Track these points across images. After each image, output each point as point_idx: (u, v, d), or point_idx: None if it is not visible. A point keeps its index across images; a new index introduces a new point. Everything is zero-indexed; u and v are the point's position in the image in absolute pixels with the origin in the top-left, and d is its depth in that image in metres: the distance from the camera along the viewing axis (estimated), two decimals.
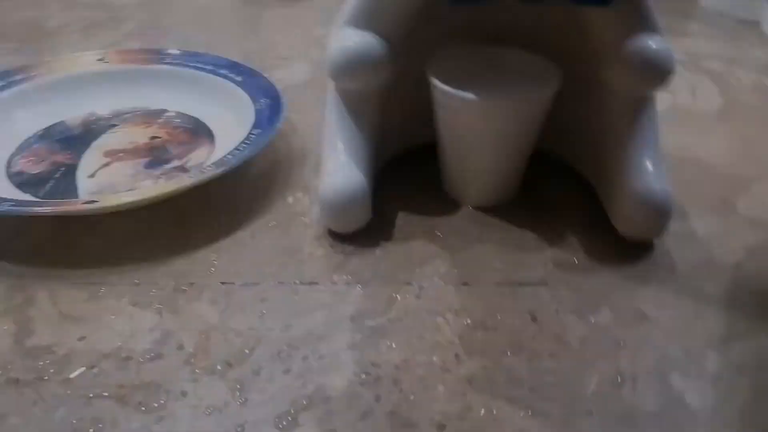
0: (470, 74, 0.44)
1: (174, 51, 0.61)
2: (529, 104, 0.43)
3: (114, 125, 0.55)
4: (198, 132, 0.54)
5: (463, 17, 0.47)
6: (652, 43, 0.40)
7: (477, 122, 0.43)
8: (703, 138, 0.57)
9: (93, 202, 0.42)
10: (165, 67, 0.59)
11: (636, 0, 0.41)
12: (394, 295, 0.40)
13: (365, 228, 0.44)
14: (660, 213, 0.42)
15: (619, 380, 0.34)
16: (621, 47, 0.41)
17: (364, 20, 0.43)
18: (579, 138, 0.48)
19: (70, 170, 0.49)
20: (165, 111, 0.57)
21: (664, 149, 0.42)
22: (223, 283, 0.40)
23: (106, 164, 0.50)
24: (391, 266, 0.42)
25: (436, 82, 0.43)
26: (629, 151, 0.42)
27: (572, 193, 0.49)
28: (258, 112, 0.52)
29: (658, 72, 0.41)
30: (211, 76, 0.58)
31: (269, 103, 0.53)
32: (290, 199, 0.48)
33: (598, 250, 0.43)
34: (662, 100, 0.63)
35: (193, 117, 0.56)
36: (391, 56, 0.43)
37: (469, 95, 0.42)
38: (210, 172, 0.44)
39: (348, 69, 0.43)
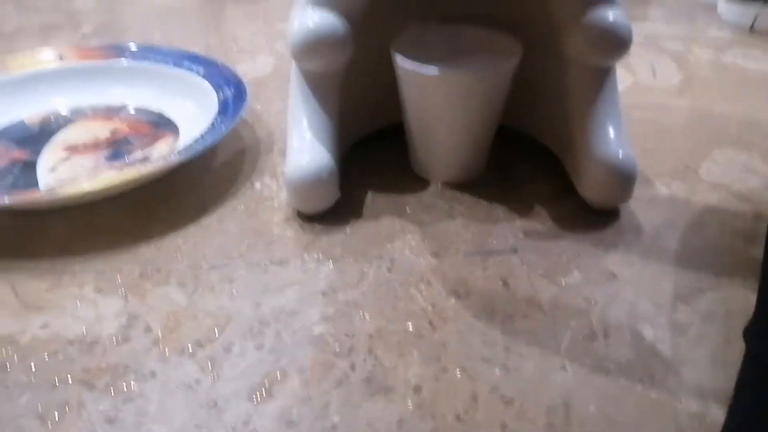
0: (433, 51, 0.44)
1: (132, 46, 0.60)
2: (490, 77, 0.43)
3: (73, 121, 0.54)
4: (161, 124, 0.54)
5: None
6: (611, 14, 0.41)
7: (441, 97, 0.43)
8: (665, 111, 0.58)
9: (53, 192, 0.41)
10: (124, 62, 0.58)
11: None
12: (365, 269, 0.39)
13: (334, 208, 0.44)
14: (624, 178, 0.42)
15: (591, 335, 0.34)
16: (580, 18, 0.41)
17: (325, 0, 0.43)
18: (543, 111, 0.49)
19: (30, 166, 0.48)
20: (126, 105, 0.56)
21: (627, 123, 0.43)
22: (190, 266, 0.40)
23: (66, 158, 0.49)
24: (361, 242, 0.42)
25: (399, 59, 0.43)
26: (592, 120, 0.43)
27: (539, 168, 0.49)
28: (221, 101, 0.52)
29: (616, 42, 0.42)
30: (172, 68, 0.57)
31: (232, 92, 0.52)
32: (258, 185, 0.48)
33: (567, 218, 0.44)
34: (624, 78, 0.65)
35: (155, 110, 0.55)
36: (352, 35, 0.43)
37: (432, 70, 0.42)
38: (173, 159, 0.44)
39: (310, 49, 0.42)
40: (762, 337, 0.30)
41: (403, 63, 0.43)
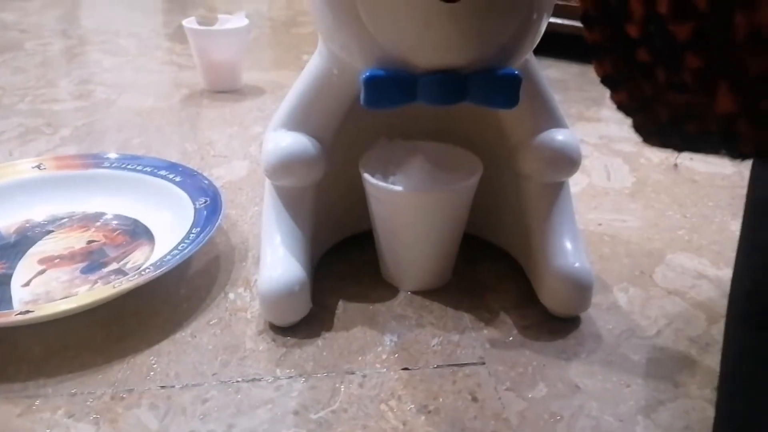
0: (399, 167, 0.47)
1: (112, 155, 0.62)
2: (454, 194, 0.46)
3: (50, 231, 0.55)
4: (137, 233, 0.55)
5: (388, 115, 0.50)
6: (559, 136, 0.45)
7: (407, 213, 0.46)
8: (619, 214, 0.62)
9: (27, 312, 0.41)
10: (103, 171, 0.60)
11: (542, 98, 0.46)
12: (337, 385, 0.40)
13: (306, 318, 0.45)
14: (581, 288, 0.44)
15: None
16: (532, 140, 0.45)
17: (296, 122, 0.45)
18: (503, 222, 0.52)
19: (4, 279, 0.49)
20: (103, 214, 0.57)
21: (583, 227, 0.46)
22: (162, 387, 0.40)
23: (41, 272, 0.50)
24: (333, 356, 0.43)
25: (367, 177, 0.46)
26: (548, 232, 0.46)
27: (504, 273, 0.51)
28: (197, 211, 0.53)
29: (566, 162, 0.45)
30: (149, 177, 0.59)
31: (208, 202, 0.54)
32: (231, 295, 0.49)
33: (531, 326, 0.46)
34: (580, 180, 0.68)
35: (132, 218, 0.57)
36: (323, 154, 0.46)
37: (398, 188, 0.45)
38: (148, 275, 0.45)
39: (283, 169, 0.45)
40: None
41: (370, 181, 0.46)
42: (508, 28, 0.38)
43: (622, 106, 0.24)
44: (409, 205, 0.46)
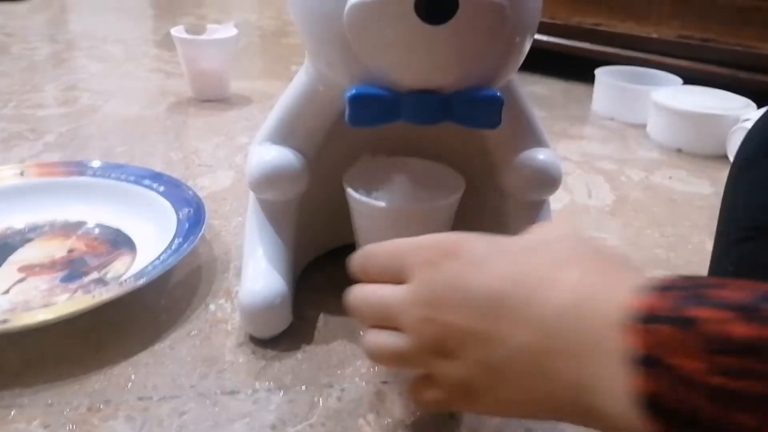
0: (382, 183, 0.48)
1: (95, 163, 0.62)
2: (436, 211, 0.46)
3: (30, 239, 0.55)
4: (118, 242, 0.55)
5: (372, 132, 0.51)
6: (541, 155, 0.46)
7: (389, 228, 0.46)
8: (599, 232, 0.63)
9: (5, 321, 0.41)
10: (86, 179, 0.60)
11: (524, 118, 0.46)
12: (315, 399, 0.40)
13: (287, 331, 0.45)
14: None
15: None
16: (513, 159, 0.45)
17: (281, 137, 0.46)
18: None
19: None
20: (84, 223, 0.57)
21: None
22: (140, 398, 0.40)
23: (21, 280, 0.49)
24: (312, 369, 0.43)
25: (351, 192, 0.46)
26: None
27: None
28: (180, 221, 0.53)
29: (546, 181, 0.46)
30: (133, 186, 0.59)
31: (192, 213, 0.54)
32: (212, 307, 0.49)
33: None
34: (561, 197, 0.69)
35: (113, 228, 0.56)
36: (307, 168, 0.46)
37: (381, 204, 0.45)
38: (128, 285, 0.45)
39: (267, 182, 0.45)
40: None
41: (354, 196, 0.46)
42: (492, 50, 0.38)
43: None
44: (391, 220, 0.46)
